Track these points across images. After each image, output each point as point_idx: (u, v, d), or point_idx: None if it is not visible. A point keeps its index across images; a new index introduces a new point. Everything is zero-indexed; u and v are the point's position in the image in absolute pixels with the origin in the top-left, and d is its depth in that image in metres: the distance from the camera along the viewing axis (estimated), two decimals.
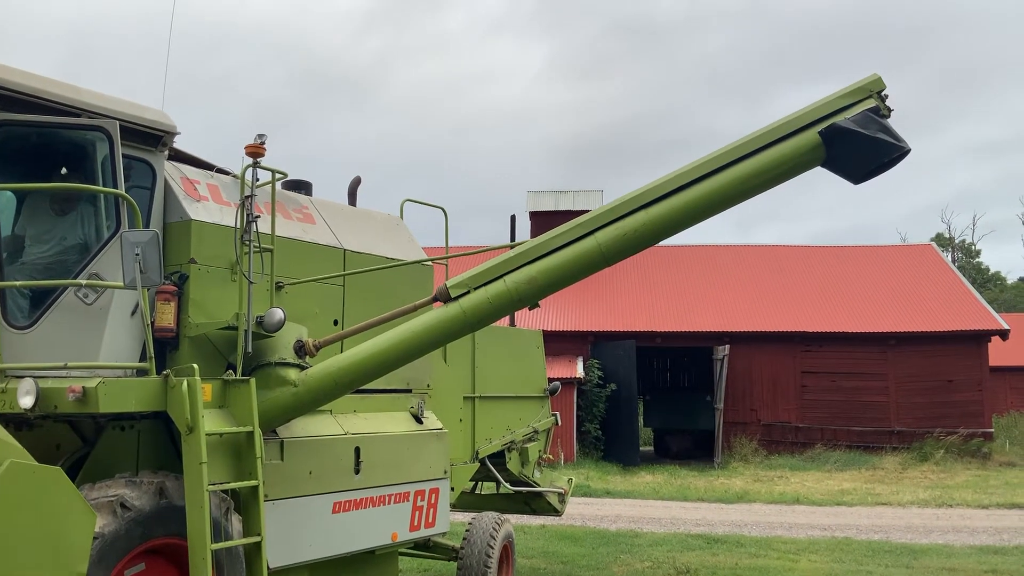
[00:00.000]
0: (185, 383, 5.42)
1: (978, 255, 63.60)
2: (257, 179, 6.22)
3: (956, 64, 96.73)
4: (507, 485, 10.03)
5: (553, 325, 28.80)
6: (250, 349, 6.11)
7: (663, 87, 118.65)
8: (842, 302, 30.60)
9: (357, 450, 6.99)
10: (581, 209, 30.14)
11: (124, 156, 5.81)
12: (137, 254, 5.13)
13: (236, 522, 5.74)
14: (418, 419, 7.84)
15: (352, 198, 8.67)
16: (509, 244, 6.30)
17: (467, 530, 9.13)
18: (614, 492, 21.22)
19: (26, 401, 5.18)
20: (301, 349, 6.36)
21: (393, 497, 7.35)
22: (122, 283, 5.25)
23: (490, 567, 8.87)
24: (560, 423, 11.28)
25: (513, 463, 10.07)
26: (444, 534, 8.22)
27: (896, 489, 21.91)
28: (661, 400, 34.43)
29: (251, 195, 6.17)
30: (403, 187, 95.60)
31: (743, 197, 5.81)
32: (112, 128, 5.74)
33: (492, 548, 8.96)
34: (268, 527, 5.89)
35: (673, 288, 32.26)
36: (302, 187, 7.80)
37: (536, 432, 10.39)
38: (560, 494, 10.88)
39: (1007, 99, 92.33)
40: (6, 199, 6.04)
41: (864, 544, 14.14)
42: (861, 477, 24.22)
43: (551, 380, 11.00)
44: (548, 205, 33.84)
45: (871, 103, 5.58)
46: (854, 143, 5.49)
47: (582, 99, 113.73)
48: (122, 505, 5.17)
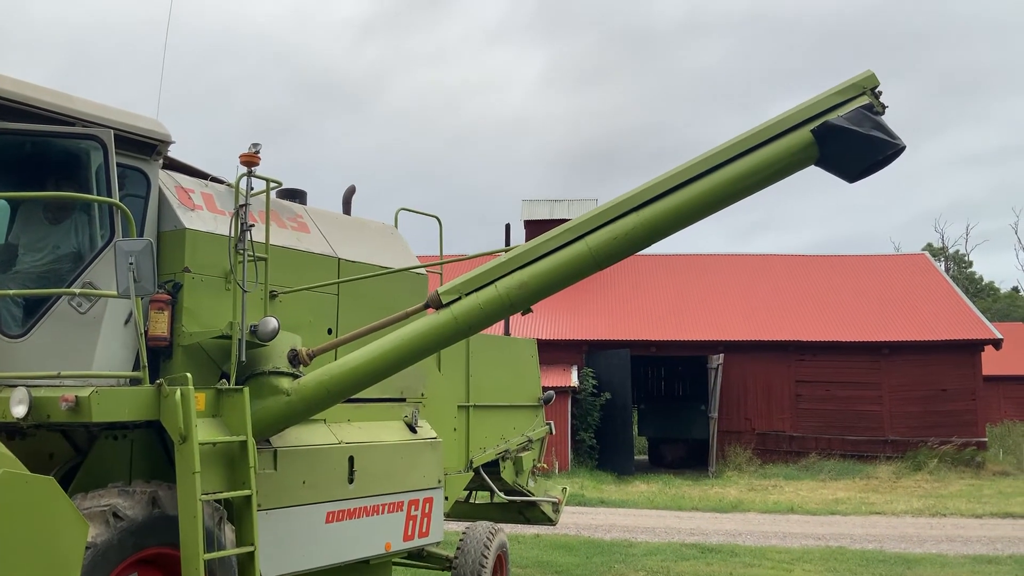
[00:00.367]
0: (178, 392, 5.41)
1: (970, 266, 63.80)
2: (251, 188, 6.23)
3: (950, 74, 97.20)
4: (501, 494, 10.02)
5: (547, 334, 28.79)
6: (244, 358, 6.11)
7: (659, 96, 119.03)
8: (836, 311, 30.64)
9: (351, 459, 6.98)
10: None
11: (118, 165, 5.82)
12: (131, 263, 5.12)
13: (229, 532, 5.72)
14: (412, 428, 7.83)
15: (347, 207, 8.68)
16: (502, 250, 6.28)
17: (461, 540, 9.11)
18: (608, 501, 21.19)
19: (19, 410, 5.17)
20: (295, 358, 6.35)
21: (387, 507, 7.34)
22: (116, 292, 5.25)
23: None
24: (554, 432, 11.27)
25: (507, 472, 10.07)
26: (438, 544, 8.21)
27: (890, 498, 21.92)
28: (655, 409, 34.43)
29: (245, 204, 6.17)
30: (399, 196, 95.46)
31: (735, 198, 5.73)
32: (106, 137, 5.75)
33: (486, 558, 8.94)
34: (261, 537, 5.87)
35: (667, 297, 32.29)
36: (296, 196, 7.81)
37: (530, 441, 10.39)
38: (554, 503, 10.86)
39: (1001, 109, 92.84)
40: (0, 208, 6.03)
41: (858, 553, 14.14)
42: (855, 486, 24.22)
43: (545, 389, 11.00)
44: (543, 214, 33.84)
45: (865, 100, 5.46)
46: (848, 141, 5.36)
47: (578, 108, 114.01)
48: (115, 515, 5.16)
